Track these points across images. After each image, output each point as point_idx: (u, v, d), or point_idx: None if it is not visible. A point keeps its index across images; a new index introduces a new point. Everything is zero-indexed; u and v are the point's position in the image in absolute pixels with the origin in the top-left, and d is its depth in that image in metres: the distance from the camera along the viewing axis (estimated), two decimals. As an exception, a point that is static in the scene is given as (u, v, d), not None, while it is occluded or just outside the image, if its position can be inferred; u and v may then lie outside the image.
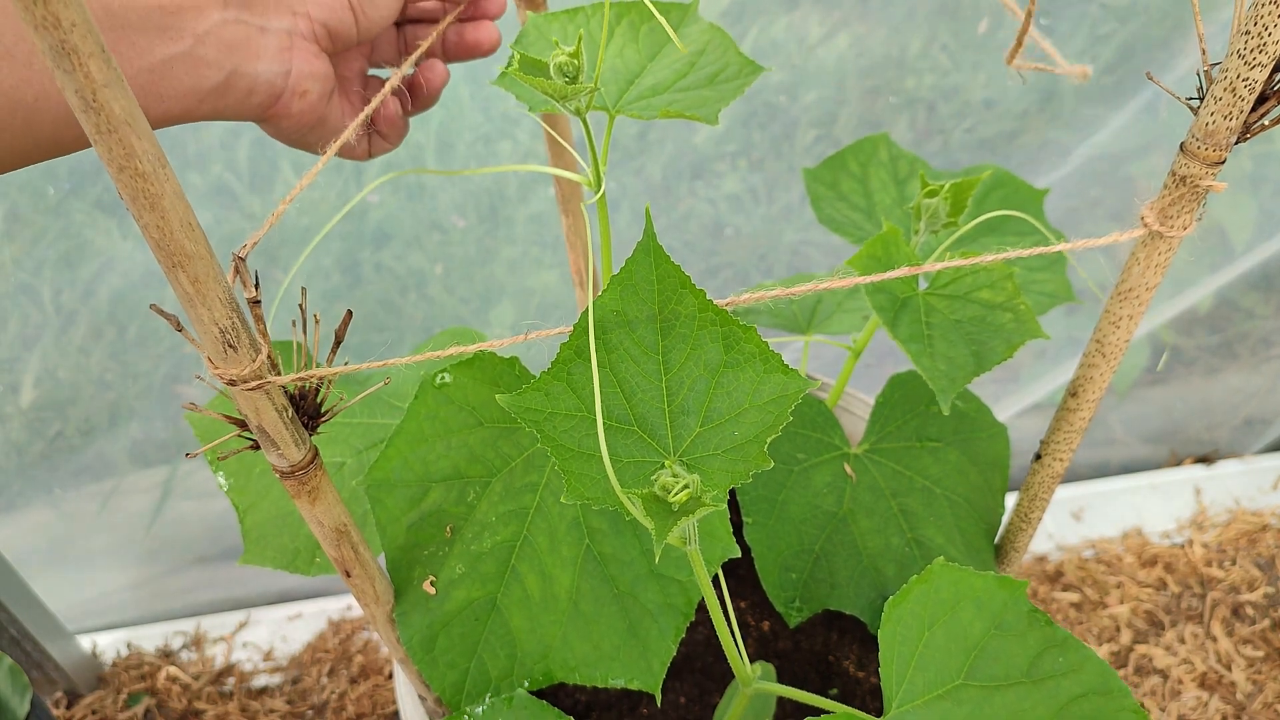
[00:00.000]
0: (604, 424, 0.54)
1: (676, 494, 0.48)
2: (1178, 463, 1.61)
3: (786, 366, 0.55)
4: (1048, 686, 0.63)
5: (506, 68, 0.63)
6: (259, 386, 0.45)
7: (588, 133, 0.63)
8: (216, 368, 0.45)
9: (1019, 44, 0.53)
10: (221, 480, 0.88)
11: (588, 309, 0.56)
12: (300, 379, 0.49)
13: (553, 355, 0.57)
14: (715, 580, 0.66)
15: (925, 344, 0.71)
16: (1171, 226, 0.59)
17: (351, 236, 1.30)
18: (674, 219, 1.36)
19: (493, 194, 1.31)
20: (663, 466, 0.54)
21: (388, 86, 0.64)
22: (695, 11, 0.78)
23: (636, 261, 0.57)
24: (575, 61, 0.58)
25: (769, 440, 0.52)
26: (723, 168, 1.34)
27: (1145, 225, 0.60)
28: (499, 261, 1.36)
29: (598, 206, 0.69)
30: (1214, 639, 1.36)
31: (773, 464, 0.51)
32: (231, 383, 0.46)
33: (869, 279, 0.56)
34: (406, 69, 0.67)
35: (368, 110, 0.60)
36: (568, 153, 0.89)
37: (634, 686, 0.69)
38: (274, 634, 1.45)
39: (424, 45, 0.70)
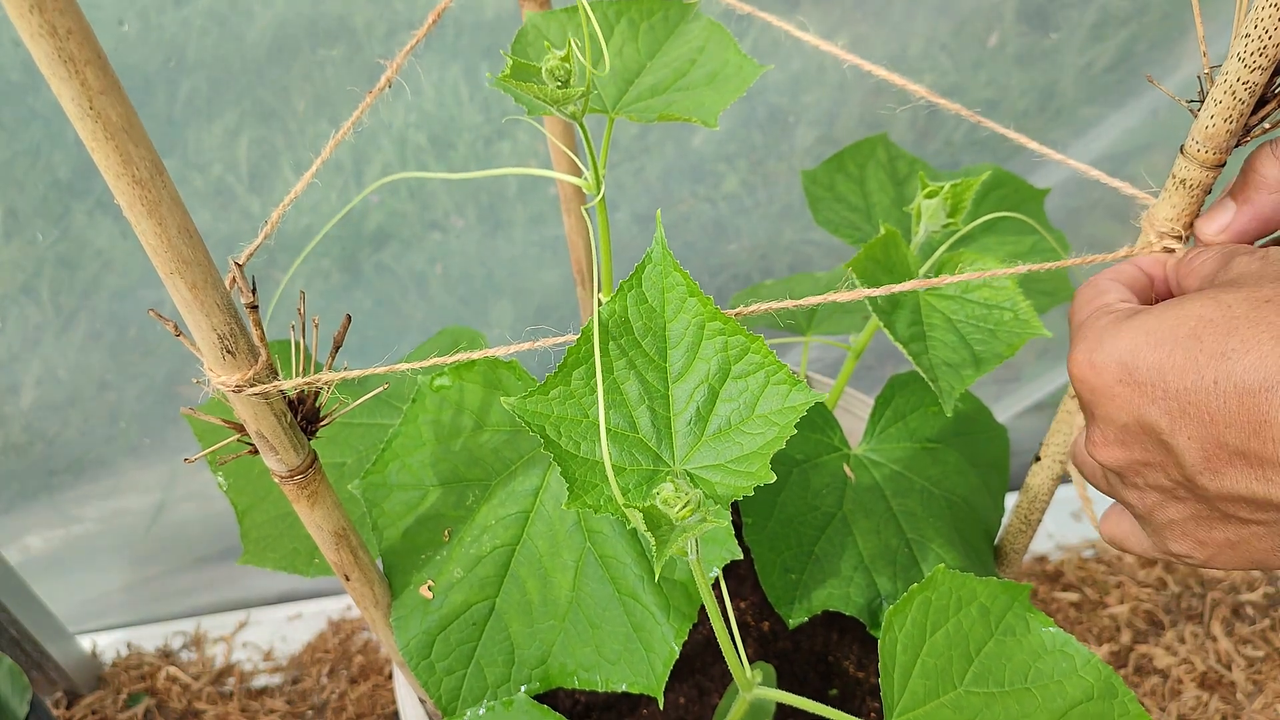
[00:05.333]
0: (607, 431, 0.53)
1: (679, 510, 0.47)
2: (1178, 462, 1.60)
3: (793, 377, 0.55)
4: (1050, 691, 0.62)
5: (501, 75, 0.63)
6: (258, 392, 0.45)
7: (585, 138, 0.63)
8: (215, 374, 0.45)
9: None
10: (221, 480, 0.88)
11: (594, 315, 0.56)
12: (302, 385, 0.49)
13: (552, 357, 0.57)
14: (715, 583, 0.66)
15: (924, 344, 0.71)
16: (1172, 230, 0.59)
17: (351, 237, 1.30)
18: (674, 219, 1.36)
19: (492, 194, 1.31)
20: (665, 476, 0.53)
21: (375, 91, 0.64)
22: (696, 8, 0.77)
23: (645, 268, 0.57)
24: (567, 65, 0.58)
25: (773, 453, 0.52)
26: (723, 168, 1.33)
27: (1145, 231, 0.60)
28: (499, 261, 1.35)
29: (597, 209, 0.69)
30: (1214, 639, 1.36)
31: (775, 477, 0.51)
32: (232, 389, 0.45)
33: (876, 291, 0.56)
34: (393, 75, 0.67)
35: (353, 120, 0.60)
36: (568, 153, 0.89)
37: (636, 690, 0.68)
38: (274, 634, 1.45)
39: (409, 46, 0.69)
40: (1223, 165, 0.56)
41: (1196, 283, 0.53)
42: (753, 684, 0.66)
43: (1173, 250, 0.59)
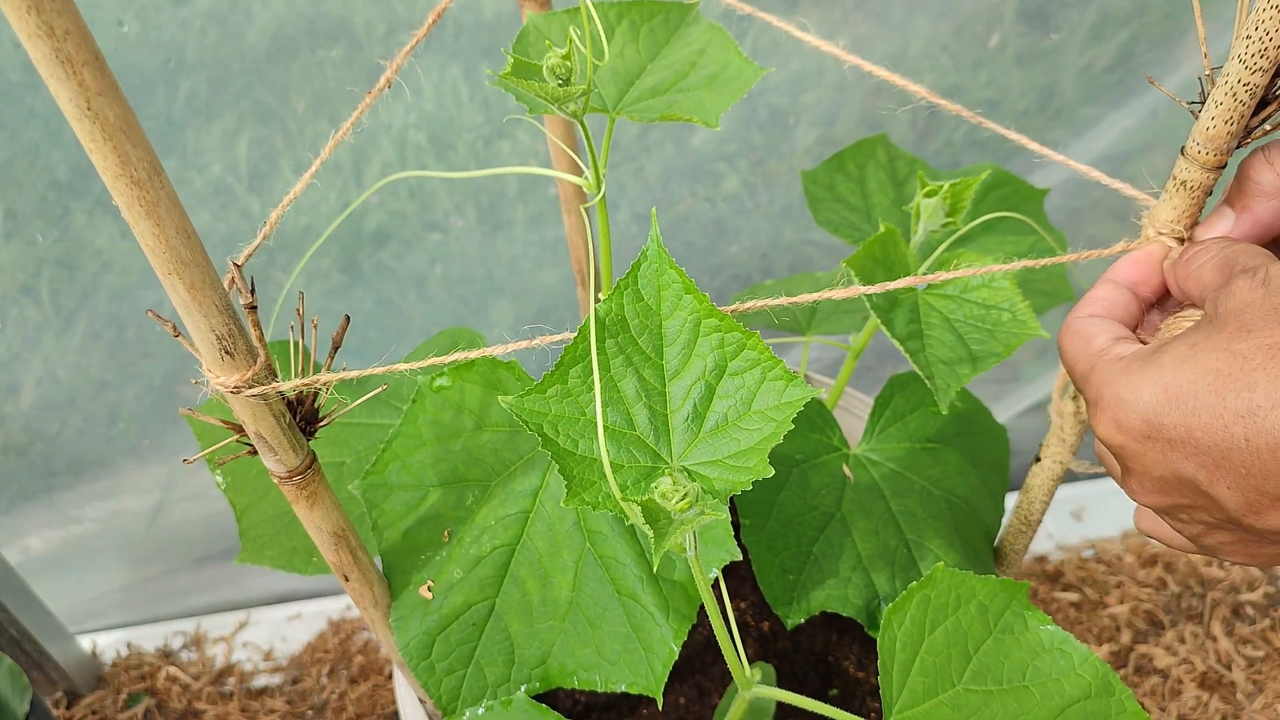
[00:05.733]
0: (605, 429, 0.53)
1: (676, 502, 0.47)
2: (1178, 462, 1.60)
3: (789, 373, 0.55)
4: (1048, 689, 0.63)
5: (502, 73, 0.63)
6: (256, 393, 0.45)
7: (586, 136, 0.63)
8: (213, 375, 0.45)
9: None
10: (219, 479, 0.88)
11: (589, 313, 0.56)
12: (300, 386, 0.49)
13: (551, 357, 0.57)
14: (715, 583, 0.66)
15: (921, 342, 0.71)
16: (1173, 231, 0.59)
17: (351, 237, 1.30)
18: (674, 219, 1.36)
19: (492, 194, 1.31)
20: (663, 473, 0.53)
21: (376, 91, 0.64)
22: (696, 11, 0.77)
23: (641, 266, 0.57)
24: (568, 64, 0.58)
25: (770, 448, 0.52)
26: (722, 168, 1.33)
27: (1146, 231, 0.60)
28: (499, 261, 1.35)
29: (598, 208, 0.69)
30: (1214, 639, 1.36)
31: (773, 472, 0.51)
32: (231, 390, 0.45)
33: (875, 289, 0.56)
34: (393, 75, 0.67)
35: (353, 119, 0.60)
36: (568, 153, 0.89)
37: (635, 690, 0.68)
38: (274, 634, 1.45)
39: (409, 45, 0.69)
40: (1223, 167, 0.56)
41: (1197, 290, 0.53)
42: (752, 683, 0.66)
43: (1165, 243, 0.59)
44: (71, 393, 1.29)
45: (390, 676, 1.40)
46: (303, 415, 0.52)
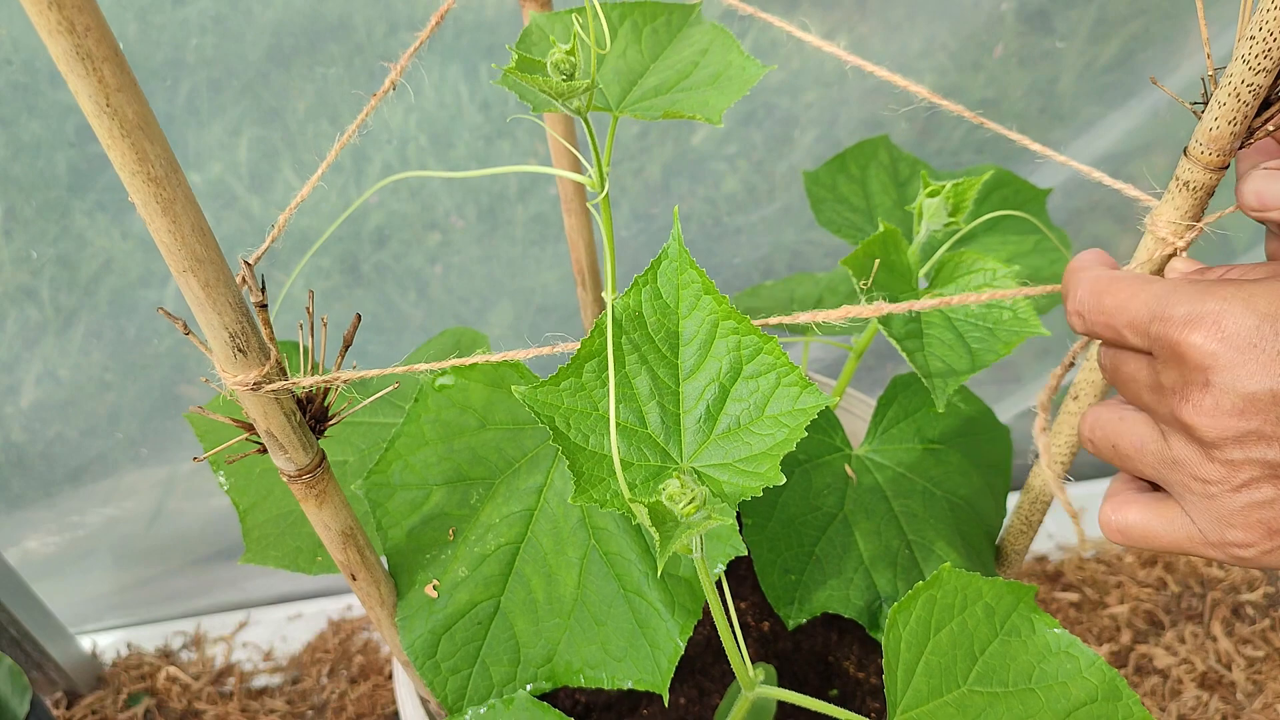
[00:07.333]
0: (616, 426, 0.53)
1: (684, 506, 0.47)
2: (1177, 462, 1.60)
3: (805, 379, 0.55)
4: (1054, 692, 0.62)
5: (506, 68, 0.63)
6: (273, 389, 0.45)
7: (590, 133, 0.63)
8: (227, 373, 0.45)
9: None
10: (222, 480, 0.88)
11: (607, 309, 0.56)
12: (318, 383, 0.49)
13: (552, 360, 0.57)
14: (718, 583, 0.66)
15: (920, 340, 0.71)
16: (1175, 232, 0.59)
17: (351, 237, 1.30)
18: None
19: (492, 194, 1.31)
20: (673, 473, 0.53)
21: (381, 92, 0.64)
22: (698, 12, 0.78)
23: (661, 264, 0.57)
24: (572, 59, 0.58)
25: (782, 455, 0.52)
26: (723, 168, 1.34)
27: (1150, 231, 0.60)
28: (499, 261, 1.35)
29: (601, 207, 0.69)
30: (1214, 639, 1.37)
31: (784, 479, 0.51)
32: (249, 387, 0.45)
33: (898, 308, 0.56)
34: (397, 77, 0.67)
35: (359, 121, 0.60)
36: (570, 152, 0.89)
37: (641, 687, 0.68)
38: (274, 634, 1.45)
39: (414, 46, 0.69)
40: (1226, 167, 0.56)
41: None
42: (755, 683, 0.66)
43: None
44: (72, 393, 1.29)
45: (390, 676, 1.40)
46: (312, 414, 0.53)
